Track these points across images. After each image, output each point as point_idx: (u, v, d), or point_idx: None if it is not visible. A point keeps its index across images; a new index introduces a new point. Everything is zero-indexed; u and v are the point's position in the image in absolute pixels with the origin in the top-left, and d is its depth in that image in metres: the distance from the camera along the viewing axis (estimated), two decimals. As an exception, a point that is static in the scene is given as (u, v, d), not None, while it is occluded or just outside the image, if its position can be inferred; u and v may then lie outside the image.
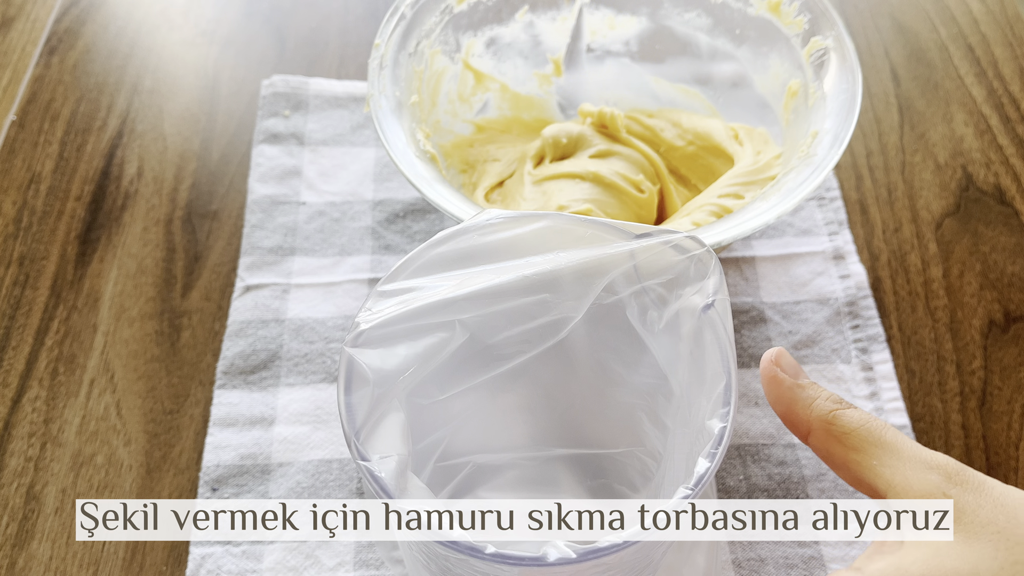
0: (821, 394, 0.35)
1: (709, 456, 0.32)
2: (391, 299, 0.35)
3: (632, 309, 0.38)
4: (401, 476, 0.32)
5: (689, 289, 0.36)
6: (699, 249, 0.36)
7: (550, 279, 0.37)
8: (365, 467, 0.32)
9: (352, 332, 0.35)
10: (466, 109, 0.61)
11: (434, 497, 0.34)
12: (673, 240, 0.36)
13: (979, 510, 0.31)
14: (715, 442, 0.33)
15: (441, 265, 0.37)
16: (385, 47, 0.54)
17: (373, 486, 0.32)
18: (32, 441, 0.53)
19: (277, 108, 0.69)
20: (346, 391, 0.34)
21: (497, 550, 0.30)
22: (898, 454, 0.33)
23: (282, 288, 0.59)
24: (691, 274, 0.36)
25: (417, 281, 0.36)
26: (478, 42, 0.60)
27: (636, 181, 0.56)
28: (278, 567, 0.49)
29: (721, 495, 0.51)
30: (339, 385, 0.34)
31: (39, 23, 0.75)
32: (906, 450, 0.33)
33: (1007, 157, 0.67)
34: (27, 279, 0.60)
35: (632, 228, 0.37)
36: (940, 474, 0.32)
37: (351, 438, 0.33)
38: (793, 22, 0.55)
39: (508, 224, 0.37)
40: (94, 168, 0.66)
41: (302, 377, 0.56)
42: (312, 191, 0.64)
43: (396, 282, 0.36)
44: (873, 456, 0.33)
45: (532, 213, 0.37)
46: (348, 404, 0.34)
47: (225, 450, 0.53)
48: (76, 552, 0.49)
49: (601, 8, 0.62)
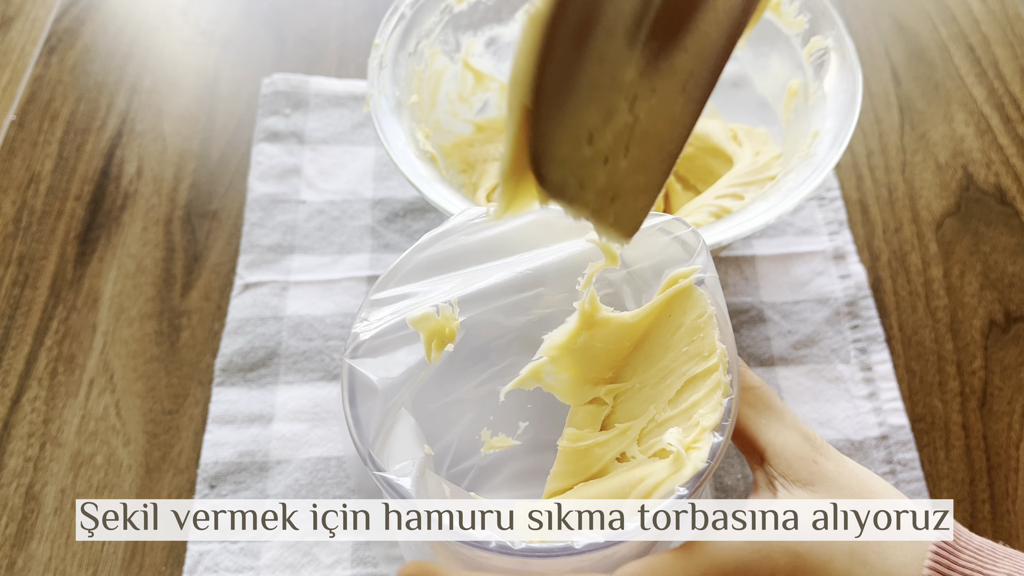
0: None
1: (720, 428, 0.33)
2: (385, 307, 0.35)
3: (627, 295, 0.38)
4: (421, 480, 0.32)
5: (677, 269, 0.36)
6: (684, 230, 0.36)
7: (541, 274, 0.37)
8: (383, 478, 0.32)
9: (351, 344, 0.34)
10: (466, 109, 0.61)
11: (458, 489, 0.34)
12: (658, 223, 0.36)
13: (839, 477, 0.35)
14: (724, 414, 0.33)
15: (431, 269, 0.36)
16: (385, 47, 0.54)
17: (394, 496, 0.31)
18: (31, 441, 0.53)
19: (278, 106, 0.69)
20: (351, 404, 0.33)
21: (527, 545, 0.30)
22: (782, 419, 0.37)
23: (280, 285, 0.59)
24: (678, 255, 0.36)
25: (409, 287, 0.35)
26: (478, 42, 0.60)
27: None
28: (276, 564, 0.49)
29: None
30: (344, 398, 0.33)
31: (39, 23, 0.75)
32: (788, 418, 0.37)
33: (1008, 157, 0.67)
34: (27, 279, 0.60)
35: None
36: (811, 445, 0.36)
37: (365, 451, 0.32)
38: (793, 22, 0.55)
39: (493, 221, 0.37)
40: (93, 168, 0.66)
41: (301, 375, 0.55)
42: (312, 189, 0.64)
43: (388, 289, 0.36)
44: (762, 416, 0.37)
45: None
46: (356, 417, 0.33)
47: (223, 447, 0.53)
48: (76, 552, 0.49)
49: None
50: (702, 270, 0.36)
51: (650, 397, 0.38)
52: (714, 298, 0.36)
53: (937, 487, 0.52)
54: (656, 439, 0.37)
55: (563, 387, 0.39)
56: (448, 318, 0.35)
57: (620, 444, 0.38)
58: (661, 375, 0.37)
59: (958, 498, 0.52)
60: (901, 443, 0.53)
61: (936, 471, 0.53)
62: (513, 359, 0.41)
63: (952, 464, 0.53)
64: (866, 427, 0.54)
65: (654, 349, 0.38)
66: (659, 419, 0.37)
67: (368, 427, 0.33)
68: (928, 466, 0.53)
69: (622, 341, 0.38)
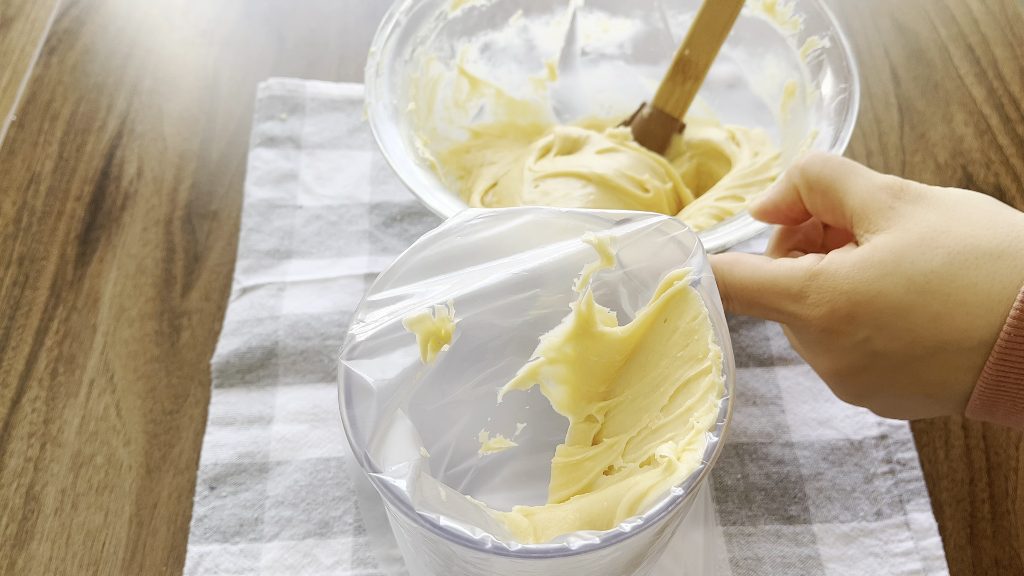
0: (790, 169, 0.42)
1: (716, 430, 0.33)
2: (382, 309, 0.35)
3: (623, 296, 0.39)
4: (417, 482, 0.32)
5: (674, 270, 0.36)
6: (680, 230, 0.36)
7: (537, 275, 0.37)
8: (379, 479, 0.32)
9: (347, 345, 0.34)
10: (462, 115, 0.61)
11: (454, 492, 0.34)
12: (654, 224, 0.36)
13: (915, 213, 0.36)
14: (719, 415, 0.33)
15: (427, 270, 0.36)
16: (381, 54, 0.54)
17: (390, 497, 0.31)
18: (32, 441, 0.53)
19: (273, 111, 0.68)
20: (348, 405, 0.33)
21: (523, 546, 0.30)
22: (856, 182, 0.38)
23: (277, 287, 0.59)
24: (675, 255, 0.36)
25: (405, 288, 0.35)
26: (473, 48, 0.60)
27: (640, 180, 0.55)
28: (275, 565, 0.49)
29: (719, 494, 0.51)
30: (340, 399, 0.33)
31: (39, 23, 0.75)
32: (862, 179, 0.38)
33: (1007, 157, 0.67)
34: (27, 279, 0.60)
35: (613, 216, 0.37)
36: (887, 193, 0.37)
37: (361, 453, 0.32)
38: (788, 22, 0.55)
39: (489, 222, 0.37)
40: (94, 168, 0.66)
41: (300, 376, 0.56)
42: (309, 195, 0.64)
43: (384, 291, 0.36)
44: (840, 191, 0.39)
45: (512, 209, 0.37)
46: (352, 418, 0.33)
47: (223, 448, 0.53)
48: (76, 552, 0.50)
49: (595, 11, 0.61)
50: (696, 271, 0.36)
51: (643, 407, 0.38)
52: (710, 299, 0.36)
53: (937, 487, 0.52)
54: (647, 448, 0.37)
55: (561, 398, 0.39)
56: (444, 319, 0.35)
57: (608, 457, 0.38)
58: (655, 383, 0.37)
59: (958, 498, 0.52)
60: (900, 442, 0.53)
61: (936, 471, 0.53)
62: (510, 360, 0.41)
63: (952, 464, 0.53)
64: (865, 426, 0.54)
65: (648, 357, 0.38)
66: (652, 427, 0.37)
67: (364, 428, 0.33)
68: (928, 466, 0.53)
69: (615, 354, 0.38)
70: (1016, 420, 0.36)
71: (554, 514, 0.36)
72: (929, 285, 0.35)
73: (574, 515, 0.36)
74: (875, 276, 0.35)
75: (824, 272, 0.37)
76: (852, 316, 0.36)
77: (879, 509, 0.51)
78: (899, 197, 0.37)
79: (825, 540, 0.50)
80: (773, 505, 0.51)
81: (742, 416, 0.54)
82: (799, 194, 0.41)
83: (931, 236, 0.35)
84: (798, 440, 0.53)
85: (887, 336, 0.36)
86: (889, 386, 0.38)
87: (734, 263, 0.40)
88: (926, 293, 0.35)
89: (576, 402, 0.39)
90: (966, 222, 0.36)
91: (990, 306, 0.34)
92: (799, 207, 0.42)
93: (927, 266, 0.35)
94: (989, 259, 0.34)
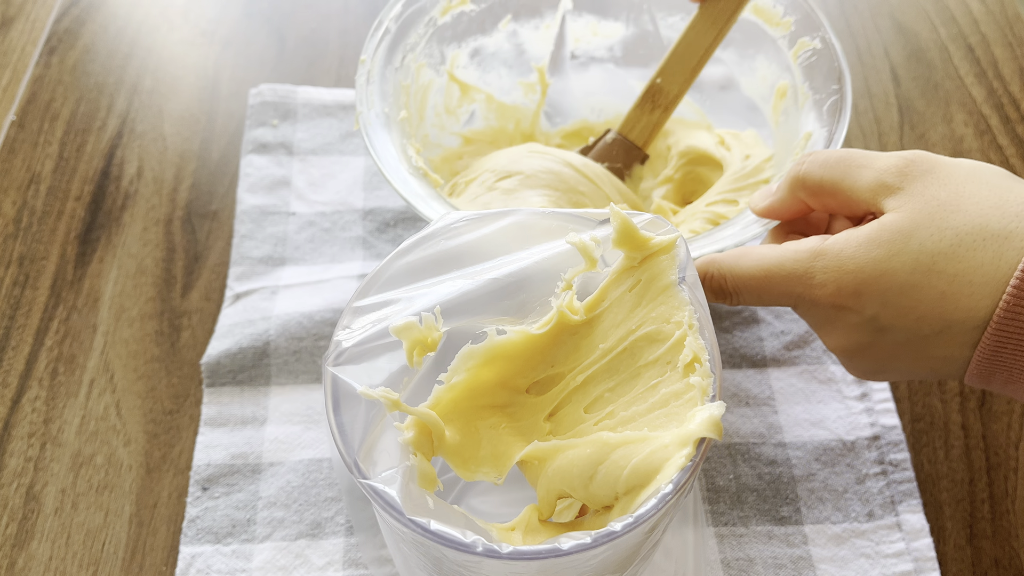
0: (784, 179, 0.43)
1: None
2: (367, 315, 0.35)
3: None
4: (407, 488, 0.32)
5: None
6: (665, 227, 0.36)
7: (522, 278, 0.37)
8: (369, 485, 0.32)
9: (333, 351, 0.34)
10: (453, 121, 0.61)
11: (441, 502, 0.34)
12: (639, 223, 0.36)
13: (924, 191, 0.37)
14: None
15: (412, 275, 0.36)
16: (371, 62, 0.53)
17: (381, 503, 0.32)
18: (32, 441, 0.54)
19: (265, 118, 0.68)
20: (335, 411, 0.33)
21: (514, 548, 0.31)
22: (862, 175, 0.39)
23: (270, 290, 0.59)
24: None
25: (391, 294, 0.35)
26: (462, 53, 0.60)
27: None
28: (267, 566, 0.49)
29: (710, 495, 0.51)
30: (327, 406, 0.33)
31: (39, 23, 0.75)
32: (866, 169, 0.39)
33: (1007, 157, 0.67)
34: (27, 279, 0.60)
35: (597, 216, 0.37)
36: (894, 174, 0.38)
37: (351, 459, 0.32)
38: (779, 23, 0.55)
39: (473, 225, 0.37)
40: (94, 168, 0.66)
41: (293, 376, 0.56)
42: (302, 201, 0.64)
43: (369, 296, 0.36)
44: (847, 189, 0.39)
45: (496, 211, 0.37)
46: (340, 424, 0.33)
47: (216, 449, 0.53)
48: (76, 552, 0.50)
49: (584, 15, 0.61)
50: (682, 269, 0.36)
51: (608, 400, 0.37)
52: (696, 295, 0.36)
53: (936, 487, 0.52)
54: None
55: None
56: (431, 327, 0.35)
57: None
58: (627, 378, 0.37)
59: (957, 498, 0.52)
60: (893, 443, 0.53)
61: (935, 471, 0.53)
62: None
63: (951, 464, 0.53)
64: (858, 427, 0.54)
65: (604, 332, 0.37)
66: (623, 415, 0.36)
67: (353, 435, 0.33)
68: (927, 466, 0.53)
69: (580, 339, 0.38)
70: (1013, 390, 0.37)
71: None
72: (936, 265, 0.35)
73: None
74: (882, 256, 0.36)
75: (829, 251, 0.38)
76: (858, 293, 0.37)
77: (871, 510, 0.51)
78: (906, 175, 0.37)
79: (817, 541, 0.50)
80: (765, 506, 0.51)
81: (735, 416, 0.54)
82: (804, 202, 0.42)
83: (940, 215, 0.36)
84: (790, 440, 0.53)
85: (893, 313, 0.37)
86: (896, 360, 0.39)
87: (740, 256, 0.41)
88: (932, 273, 0.35)
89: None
90: (975, 200, 0.36)
91: (995, 286, 0.35)
92: (805, 207, 0.43)
93: (935, 247, 0.35)
94: (996, 240, 0.35)
